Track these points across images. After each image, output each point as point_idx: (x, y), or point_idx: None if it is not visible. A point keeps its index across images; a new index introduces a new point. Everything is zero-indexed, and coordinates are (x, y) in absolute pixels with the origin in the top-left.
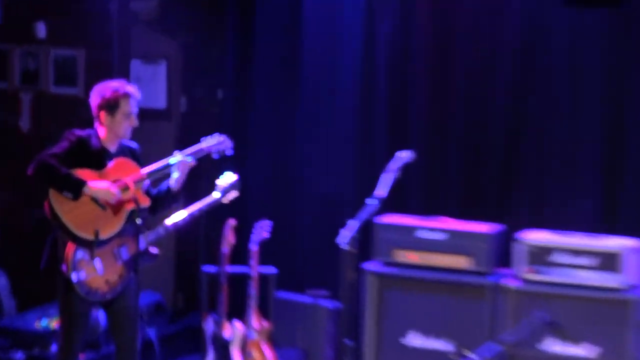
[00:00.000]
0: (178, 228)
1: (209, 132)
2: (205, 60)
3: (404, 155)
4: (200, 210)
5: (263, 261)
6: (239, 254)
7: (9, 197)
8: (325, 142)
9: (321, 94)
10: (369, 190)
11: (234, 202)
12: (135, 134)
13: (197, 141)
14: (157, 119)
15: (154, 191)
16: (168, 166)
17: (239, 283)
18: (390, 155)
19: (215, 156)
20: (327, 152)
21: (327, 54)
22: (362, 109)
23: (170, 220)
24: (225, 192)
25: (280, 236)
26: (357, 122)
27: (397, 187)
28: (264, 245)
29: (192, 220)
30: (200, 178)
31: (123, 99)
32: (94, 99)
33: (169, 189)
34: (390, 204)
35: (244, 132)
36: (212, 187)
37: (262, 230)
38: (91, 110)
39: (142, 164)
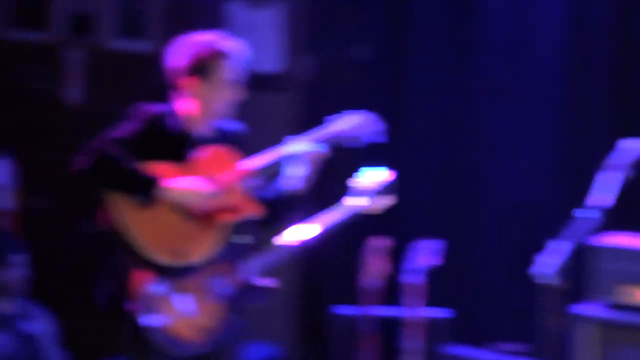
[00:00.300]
0: (302, 250)
1: (344, 109)
2: (342, 2)
3: (634, 146)
4: (333, 223)
5: (427, 300)
6: (391, 290)
7: (46, 202)
8: (513, 129)
9: (508, 64)
10: (578, 197)
11: (384, 213)
12: (236, 111)
13: (327, 122)
14: (268, 89)
15: (265, 195)
16: (283, 159)
17: (389, 331)
18: (608, 147)
19: (353, 144)
20: (516, 143)
21: (518, 13)
22: (569, 84)
23: (289, 239)
24: (368, 196)
25: (449, 263)
26: (561, 102)
27: (622, 193)
28: (429, 277)
29: (322, 239)
30: (332, 176)
31: (220, 60)
32: (177, 59)
33: (282, 192)
34: (613, 218)
35: (397, 111)
36: (349, 191)
37: (426, 254)
38: (169, 76)
39: (248, 155)
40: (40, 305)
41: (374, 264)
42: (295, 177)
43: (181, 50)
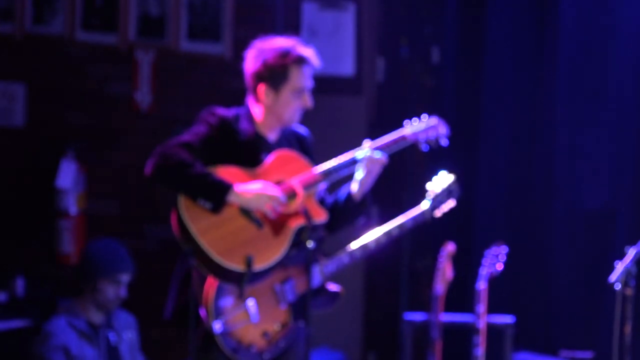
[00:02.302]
0: (369, 256)
1: (417, 113)
2: (414, 3)
3: None
4: (401, 228)
5: (495, 307)
6: (460, 296)
7: (117, 207)
8: (593, 132)
9: (590, 64)
10: None
11: (452, 218)
12: (307, 115)
13: (399, 125)
14: (340, 92)
15: (331, 199)
16: (354, 162)
17: (459, 337)
18: None
19: (424, 147)
20: (595, 146)
21: (598, 18)
22: None
23: (357, 244)
24: (437, 201)
25: (520, 270)
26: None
27: None
28: (497, 283)
29: (390, 244)
30: (402, 180)
31: (294, 67)
32: (250, 64)
33: (350, 196)
34: None
35: (471, 114)
36: (420, 195)
37: (495, 260)
38: (244, 79)
39: (316, 160)
40: (126, 312)
41: (446, 270)
42: (360, 181)
43: (254, 55)
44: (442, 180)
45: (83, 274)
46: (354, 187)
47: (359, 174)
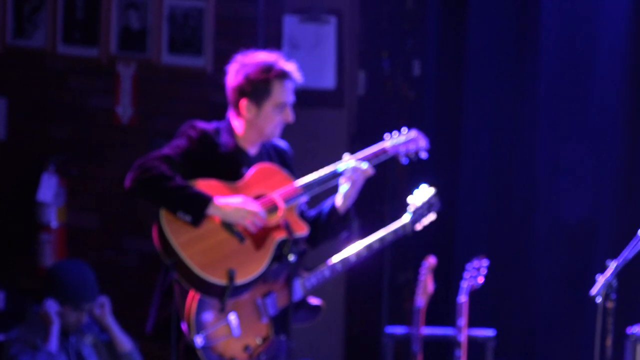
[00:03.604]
0: (349, 269)
1: (397, 125)
2: (395, 16)
3: None
4: (382, 241)
5: (476, 320)
6: (440, 309)
7: (97, 220)
8: (574, 145)
9: (571, 77)
10: None
11: (433, 231)
12: (288, 128)
13: (380, 138)
14: (321, 105)
15: (312, 213)
16: (335, 175)
17: (440, 351)
18: None
19: (404, 160)
20: (577, 160)
21: (581, 27)
22: (632, 101)
23: (337, 257)
24: (418, 214)
25: (501, 283)
26: (624, 119)
27: None
28: (478, 296)
29: (371, 258)
30: (382, 194)
31: (276, 82)
32: (232, 78)
33: (333, 210)
34: None
35: (452, 127)
36: (401, 208)
37: (476, 273)
38: (225, 93)
39: (296, 173)
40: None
41: (427, 283)
42: (344, 194)
43: (236, 70)
44: (422, 194)
45: (47, 294)
46: (338, 200)
47: (343, 187)
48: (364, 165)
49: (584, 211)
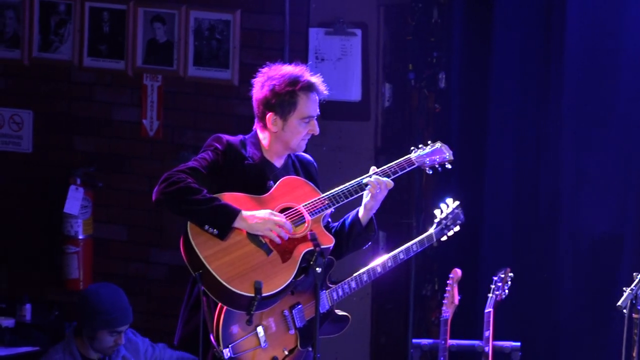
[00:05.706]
0: (376, 280)
1: (423, 138)
2: (420, 29)
3: None
4: (408, 252)
5: (502, 331)
6: (467, 321)
7: (124, 233)
8: (599, 156)
9: (596, 88)
10: None
11: (459, 243)
12: (314, 140)
13: (405, 151)
14: (347, 118)
15: (337, 225)
16: (360, 187)
17: None
18: None
19: (429, 171)
20: (601, 171)
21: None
22: None
23: (364, 269)
24: (442, 225)
25: (527, 295)
26: None
27: None
28: (504, 307)
29: (397, 269)
30: (408, 207)
31: (302, 95)
32: (258, 91)
33: (356, 221)
34: None
35: (477, 139)
36: (427, 220)
37: (502, 285)
38: (251, 105)
39: (321, 185)
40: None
41: (454, 295)
42: (368, 206)
43: (262, 83)
44: (448, 206)
45: (82, 320)
46: (361, 211)
47: (366, 199)
48: (384, 180)
49: (608, 223)
